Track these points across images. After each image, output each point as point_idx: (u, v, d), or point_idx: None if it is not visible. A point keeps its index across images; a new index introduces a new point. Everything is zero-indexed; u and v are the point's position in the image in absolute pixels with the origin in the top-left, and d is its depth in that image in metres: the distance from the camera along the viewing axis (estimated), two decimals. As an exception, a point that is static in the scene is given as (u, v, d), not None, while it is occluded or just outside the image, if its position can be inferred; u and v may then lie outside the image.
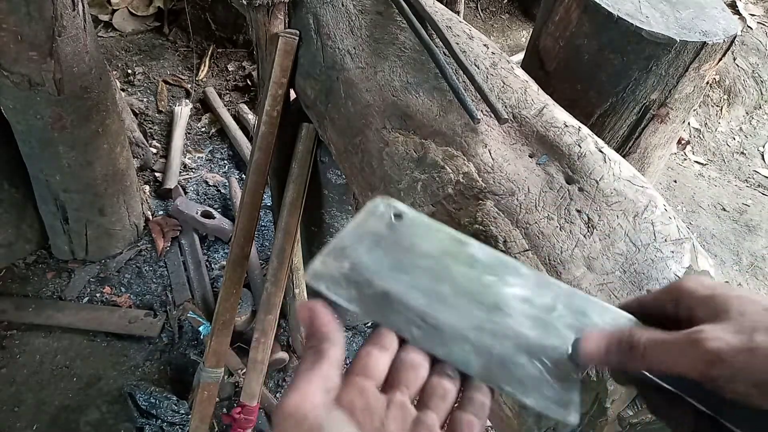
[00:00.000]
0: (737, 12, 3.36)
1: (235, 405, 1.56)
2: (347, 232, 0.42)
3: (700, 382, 0.37)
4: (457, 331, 0.39)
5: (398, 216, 0.44)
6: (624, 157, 0.94)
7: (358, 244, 0.41)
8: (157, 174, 2.27)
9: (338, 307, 0.39)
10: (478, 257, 0.44)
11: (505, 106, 0.88)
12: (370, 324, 1.91)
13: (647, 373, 0.40)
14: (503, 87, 0.91)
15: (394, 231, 0.42)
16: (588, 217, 0.73)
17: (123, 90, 2.57)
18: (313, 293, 1.73)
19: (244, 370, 1.54)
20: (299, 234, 1.44)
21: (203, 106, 2.64)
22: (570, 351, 0.41)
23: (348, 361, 1.83)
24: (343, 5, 1.10)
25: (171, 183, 2.20)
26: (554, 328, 0.41)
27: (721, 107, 3.13)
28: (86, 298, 1.86)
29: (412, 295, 0.39)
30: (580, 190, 0.76)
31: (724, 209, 2.67)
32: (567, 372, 0.40)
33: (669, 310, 0.43)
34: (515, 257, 0.69)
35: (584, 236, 0.71)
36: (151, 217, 2.10)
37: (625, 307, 0.46)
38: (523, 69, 1.00)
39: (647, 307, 0.45)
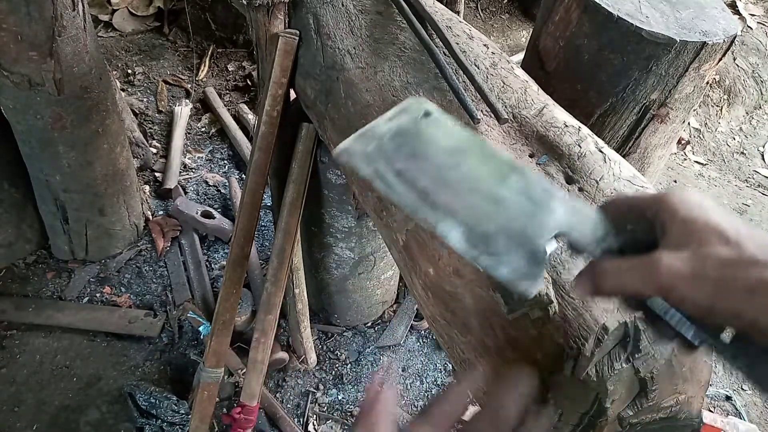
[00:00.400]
0: (737, 12, 3.36)
1: (235, 405, 1.56)
2: (378, 122, 0.45)
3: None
4: (450, 209, 0.43)
5: (427, 114, 0.47)
6: (624, 157, 0.94)
7: (385, 132, 0.45)
8: (157, 174, 2.27)
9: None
10: (490, 157, 0.47)
11: (505, 106, 0.88)
12: (369, 324, 1.91)
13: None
14: (503, 87, 0.91)
15: (419, 126, 0.46)
16: (588, 217, 0.73)
17: (123, 90, 2.57)
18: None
19: (244, 370, 1.54)
20: (299, 234, 1.44)
21: (203, 106, 2.64)
22: (547, 245, 0.45)
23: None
24: (343, 5, 1.10)
25: (171, 183, 2.20)
26: (538, 222, 0.46)
27: (721, 107, 3.13)
28: (86, 298, 1.86)
29: (420, 177, 0.43)
30: (581, 190, 0.76)
31: (724, 209, 2.67)
32: (539, 257, 0.44)
33: (648, 216, 0.45)
34: None
35: (584, 236, 0.71)
36: (151, 217, 2.10)
37: (613, 203, 0.49)
38: (523, 69, 1.00)
39: (633, 207, 0.48)
